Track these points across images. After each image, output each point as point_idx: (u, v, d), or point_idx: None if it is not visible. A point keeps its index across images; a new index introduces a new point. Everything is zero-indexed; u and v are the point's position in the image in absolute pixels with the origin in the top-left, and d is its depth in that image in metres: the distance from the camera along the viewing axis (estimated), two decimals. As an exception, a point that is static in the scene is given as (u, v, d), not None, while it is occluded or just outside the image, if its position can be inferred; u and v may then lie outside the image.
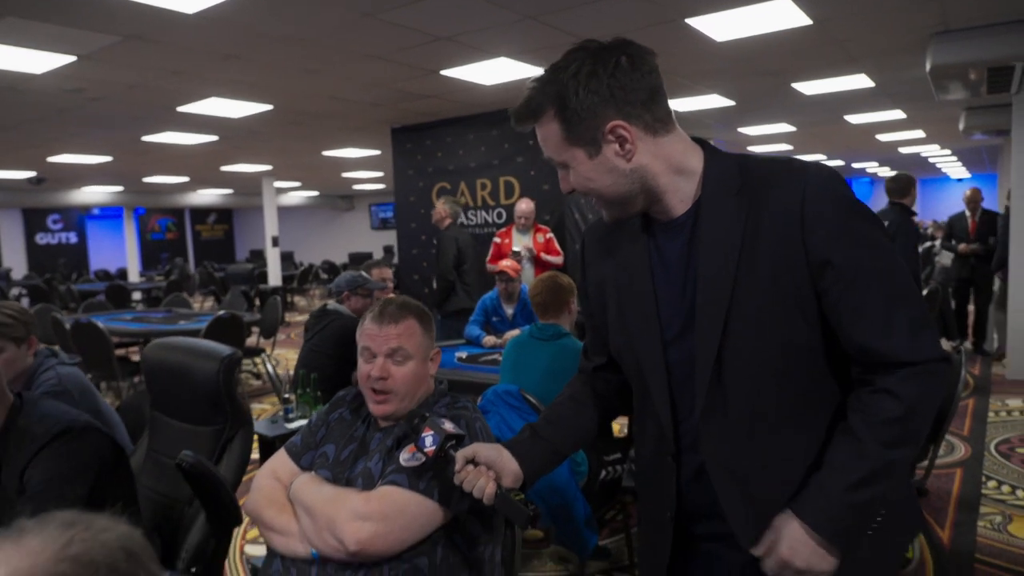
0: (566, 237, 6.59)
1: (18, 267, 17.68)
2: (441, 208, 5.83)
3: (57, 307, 9.53)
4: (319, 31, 4.26)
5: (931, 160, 16.26)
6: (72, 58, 4.50)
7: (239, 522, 1.87)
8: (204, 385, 2.01)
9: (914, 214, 5.12)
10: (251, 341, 7.12)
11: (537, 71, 1.14)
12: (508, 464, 1.27)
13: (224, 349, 2.06)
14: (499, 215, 7.04)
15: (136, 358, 6.89)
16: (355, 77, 5.47)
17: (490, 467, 1.25)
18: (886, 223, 4.91)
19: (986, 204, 7.03)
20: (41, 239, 18.99)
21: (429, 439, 1.31)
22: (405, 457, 1.47)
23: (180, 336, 2.45)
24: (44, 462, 1.60)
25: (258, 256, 19.49)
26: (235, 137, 8.14)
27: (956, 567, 2.98)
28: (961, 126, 8.47)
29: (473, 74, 5.44)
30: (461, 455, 1.26)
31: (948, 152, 14.50)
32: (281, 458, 1.67)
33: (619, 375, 1.38)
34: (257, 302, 11.13)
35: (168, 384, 2.16)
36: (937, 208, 23.15)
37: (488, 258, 5.65)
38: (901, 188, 5.05)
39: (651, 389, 1.19)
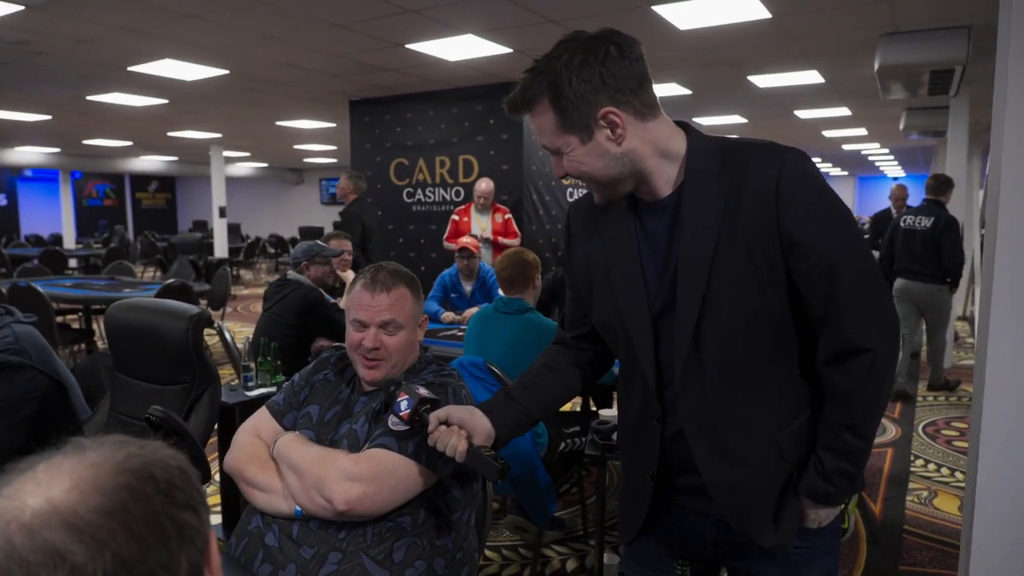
0: (523, 218, 6.64)
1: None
2: (345, 183, 5.77)
3: (-11, 272, 9.11)
4: (285, -5, 4.17)
5: (871, 158, 16.90)
6: (19, 7, 4.29)
7: (208, 478, 1.87)
8: (173, 344, 2.00)
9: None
10: (199, 312, 6.97)
11: (503, 49, 1.21)
12: (480, 423, 1.33)
13: (192, 308, 2.05)
14: (457, 193, 7.04)
15: (76, 325, 6.67)
16: (316, 46, 5.38)
17: (462, 427, 1.31)
18: (930, 220, 5.18)
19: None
20: (-32, 201, 18.04)
21: (404, 403, 1.37)
22: (393, 421, 1.50)
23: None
24: None
25: (202, 227, 18.93)
26: (186, 101, 7.88)
27: (887, 537, 3.18)
28: (901, 125, 8.83)
29: (439, 49, 5.40)
30: (434, 416, 1.33)
31: (887, 151, 15.09)
32: (263, 416, 1.69)
33: (595, 346, 1.46)
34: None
35: (133, 345, 2.13)
36: (873, 205, 24.11)
37: (446, 236, 5.64)
38: (940, 187, 5.38)
39: (639, 358, 1.25)
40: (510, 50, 5.26)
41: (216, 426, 3.14)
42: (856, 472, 1.20)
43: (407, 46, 5.33)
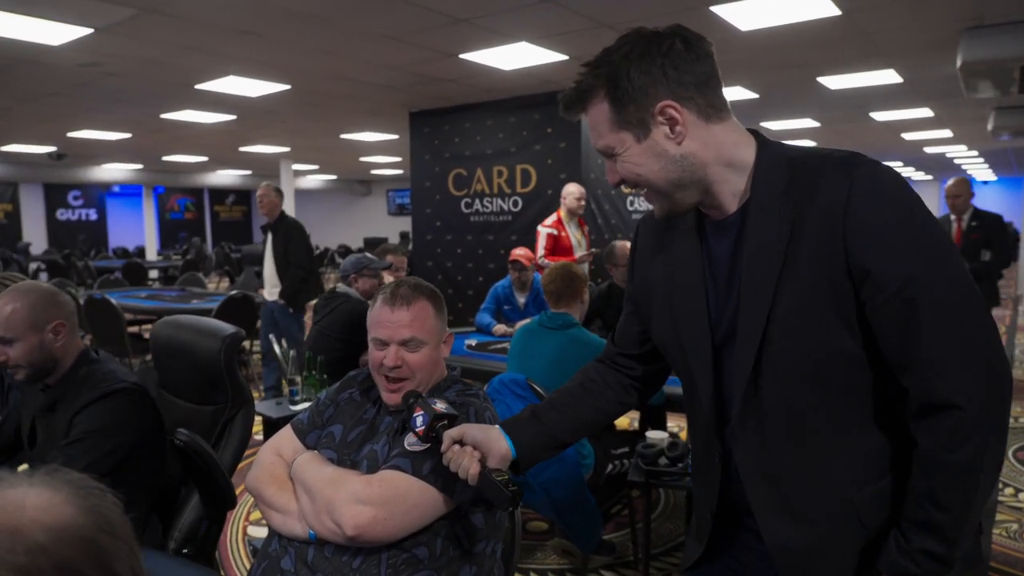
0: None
1: (39, 242, 17.85)
2: (273, 195, 5.32)
3: (74, 283, 9.62)
4: (336, 10, 4.20)
5: (956, 161, 15.96)
6: (89, 30, 4.48)
7: (233, 504, 1.84)
8: (206, 364, 1.98)
9: None
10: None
11: (558, 57, 1.14)
12: (495, 444, 1.25)
13: (227, 328, 2.03)
14: (515, 203, 6.97)
15: (148, 336, 6.91)
16: (372, 59, 5.42)
17: (477, 447, 1.24)
18: None
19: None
20: (62, 215, 19.13)
21: (420, 419, 1.30)
22: (410, 441, 1.43)
23: (192, 315, 2.44)
24: (93, 412, 1.67)
25: (274, 238, 19.51)
26: (253, 117, 8.11)
27: (971, 574, 2.90)
28: (990, 126, 8.26)
29: (492, 58, 5.36)
30: (448, 435, 1.26)
31: (975, 153, 14.22)
32: (286, 435, 1.64)
33: (644, 367, 1.37)
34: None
35: (173, 362, 2.14)
36: (961, 210, 22.71)
37: (544, 253, 5.05)
38: None
39: (699, 390, 1.16)
40: (566, 57, 5.16)
41: (261, 437, 3.14)
42: (947, 553, 1.00)
43: (461, 56, 5.30)
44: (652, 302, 1.25)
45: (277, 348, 3.97)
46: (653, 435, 2.61)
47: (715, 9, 4.22)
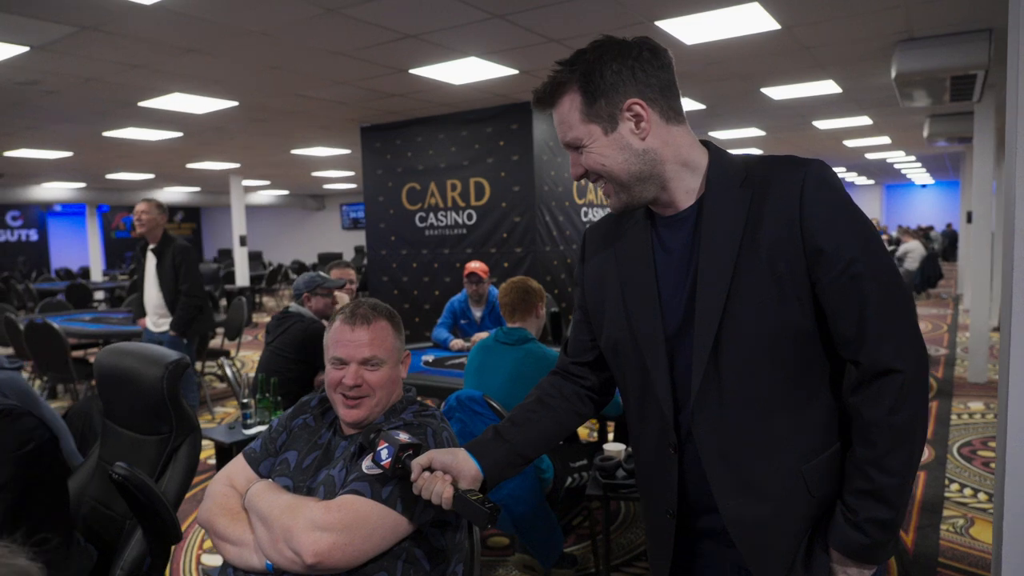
0: (536, 239, 6.55)
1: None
2: (154, 211, 4.72)
3: (13, 307, 9.25)
4: (280, 26, 4.16)
5: (896, 166, 16.56)
6: (25, 48, 4.34)
7: (178, 538, 1.78)
8: (149, 392, 1.92)
9: None
10: (216, 343, 6.97)
11: (508, 71, 1.20)
12: (464, 466, 1.27)
13: (171, 355, 1.97)
14: (469, 216, 6.98)
15: (93, 360, 6.69)
16: (320, 74, 5.37)
17: (447, 471, 1.25)
18: None
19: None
20: (0, 236, 18.45)
21: (385, 452, 1.29)
22: (367, 464, 1.42)
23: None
24: None
25: (226, 256, 19.16)
26: (200, 134, 7.96)
27: (919, 570, 2.99)
28: (925, 133, 8.60)
29: (442, 73, 5.36)
30: (416, 463, 1.26)
31: (913, 158, 14.76)
32: (238, 464, 1.61)
33: (596, 375, 1.41)
34: (224, 303, 10.91)
35: (117, 391, 2.06)
36: (902, 214, 23.62)
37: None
38: None
39: (653, 379, 1.19)
40: (515, 71, 5.20)
41: (215, 463, 3.02)
42: (894, 519, 1.08)
43: (411, 71, 5.30)
44: (605, 303, 1.28)
45: (229, 371, 3.89)
46: (611, 447, 2.63)
47: (660, 24, 4.31)
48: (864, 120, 8.65)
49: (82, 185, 14.62)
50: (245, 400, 3.16)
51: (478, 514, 1.19)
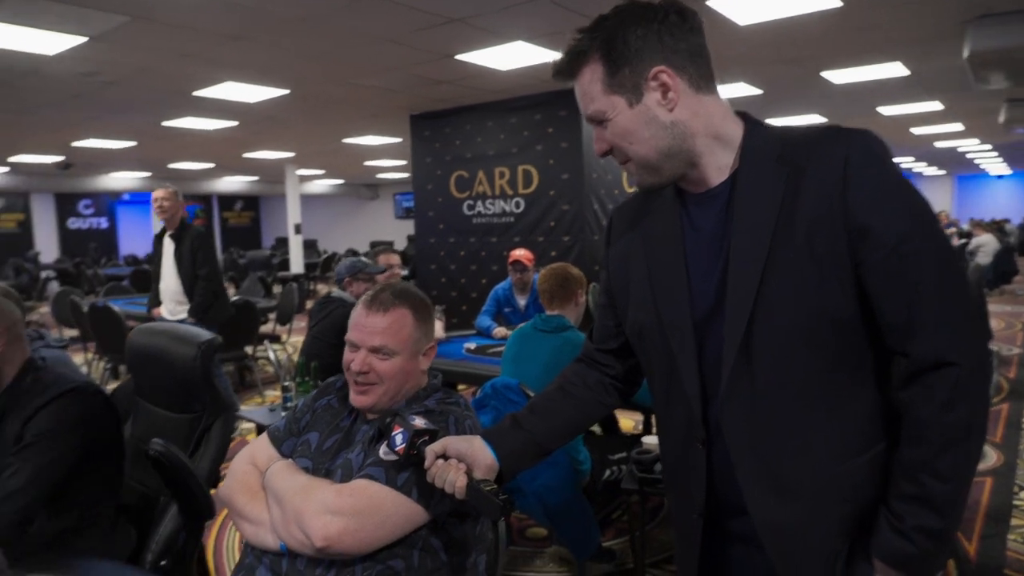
0: (584, 228, 6.45)
1: (50, 251, 17.98)
2: (173, 198, 4.75)
3: (81, 291, 9.66)
4: (327, 12, 4.16)
5: (969, 155, 15.75)
6: (83, 39, 4.46)
7: (211, 515, 1.78)
8: (182, 371, 1.93)
9: None
10: (268, 328, 7.11)
11: (555, 56, 1.09)
12: (480, 454, 1.22)
13: (203, 334, 1.98)
14: (517, 204, 6.91)
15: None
16: (367, 61, 5.37)
17: (462, 459, 1.20)
18: None
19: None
20: (72, 224, 19.26)
21: (399, 437, 1.25)
22: (384, 451, 1.38)
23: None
24: (45, 416, 1.63)
25: (283, 243, 19.61)
26: (255, 123, 8.11)
27: (982, 582, 2.81)
28: (1002, 118, 8.13)
29: (489, 59, 5.30)
30: (430, 450, 1.22)
31: (988, 147, 14.02)
32: (262, 443, 1.60)
33: (623, 363, 1.33)
34: (277, 289, 11.14)
35: (149, 370, 2.09)
36: (976, 207, 22.50)
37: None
38: None
39: (680, 368, 1.11)
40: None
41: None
42: (945, 528, 0.97)
43: (457, 57, 5.25)
44: (630, 286, 1.21)
45: (272, 354, 3.93)
46: (649, 440, 2.54)
47: (711, 3, 4.15)
48: (934, 105, 8.22)
49: (147, 174, 15.15)
50: (286, 383, 3.18)
51: (490, 506, 1.13)
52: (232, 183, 17.76)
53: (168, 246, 4.81)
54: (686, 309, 1.10)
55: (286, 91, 6.32)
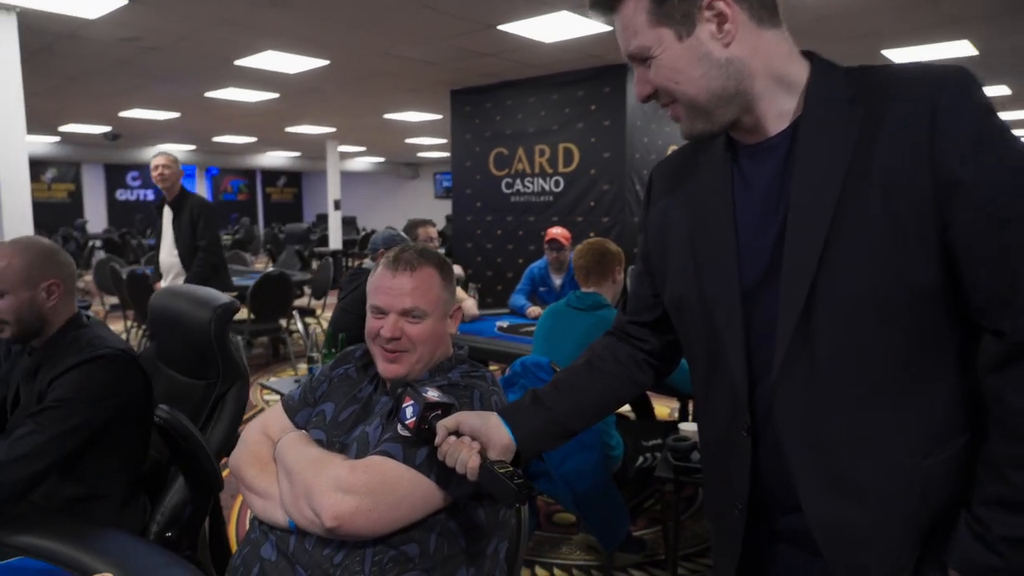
0: (624, 209, 6.27)
1: (99, 222, 18.40)
2: (172, 164, 4.51)
3: (124, 260, 9.83)
4: (368, -24, 4.05)
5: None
6: (123, 2, 4.43)
7: (219, 487, 1.71)
8: (197, 335, 1.85)
9: None
10: (303, 302, 7.12)
11: (600, 28, 0.96)
12: (495, 433, 1.11)
13: (221, 297, 1.89)
14: (556, 183, 6.76)
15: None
16: (409, 30, 5.26)
17: (475, 437, 1.09)
18: None
19: None
20: (120, 195, 19.68)
21: (410, 410, 1.15)
22: (402, 426, 1.28)
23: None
24: (69, 379, 1.55)
25: (323, 220, 19.74)
26: (296, 95, 8.08)
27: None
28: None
29: (532, 29, 5.14)
30: (442, 426, 1.11)
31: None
32: (275, 412, 1.51)
33: (659, 337, 1.19)
34: (315, 264, 11.20)
35: (168, 333, 2.02)
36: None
37: None
38: None
39: (724, 344, 0.98)
40: (608, 27, 4.90)
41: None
42: None
43: (499, 27, 5.10)
44: (669, 250, 1.08)
45: (300, 324, 3.88)
46: (687, 427, 2.40)
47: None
48: (1002, 90, 7.79)
49: (192, 147, 15.35)
50: (312, 354, 3.12)
51: (504, 490, 1.02)
52: (275, 158, 17.90)
53: (167, 216, 4.62)
54: (734, 277, 0.97)
55: (326, 62, 6.25)
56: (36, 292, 1.63)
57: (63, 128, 11.62)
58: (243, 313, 5.93)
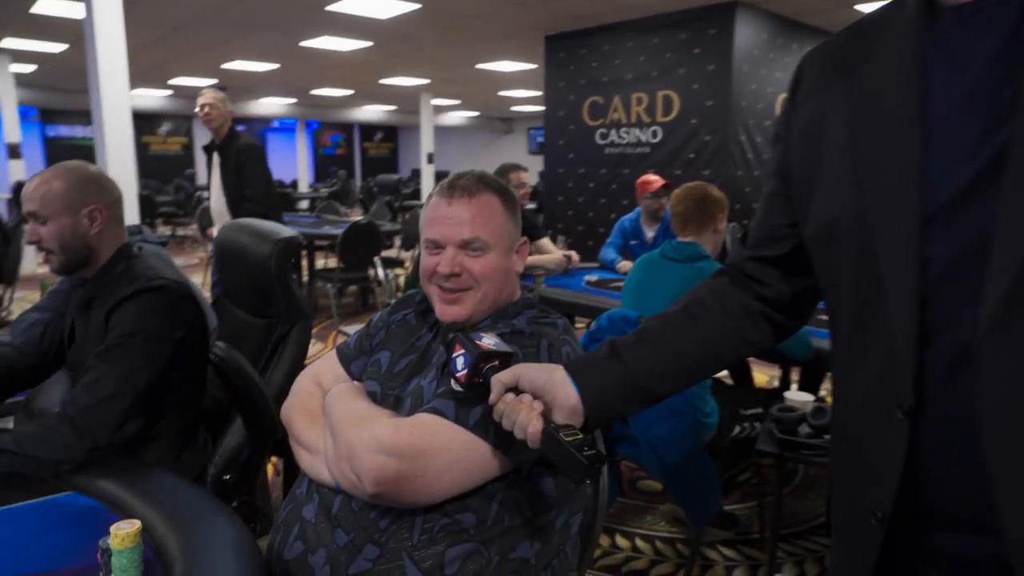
0: (728, 161, 5.83)
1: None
2: (218, 102, 4.10)
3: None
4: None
5: None
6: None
7: (275, 432, 1.60)
8: (258, 270, 1.74)
9: None
10: (391, 253, 7.12)
11: None
12: (562, 391, 0.91)
13: (283, 231, 1.76)
14: (654, 133, 6.37)
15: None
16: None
17: (539, 396, 0.91)
18: None
19: None
20: (228, 148, 20.52)
21: (460, 360, 0.97)
22: (453, 379, 1.09)
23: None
24: (128, 313, 1.47)
25: (418, 175, 19.90)
26: (388, 42, 7.98)
27: None
28: None
29: (634, -37, 4.76)
30: (497, 380, 0.93)
31: None
32: (329, 360, 1.36)
33: (787, 282, 0.91)
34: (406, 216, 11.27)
35: (231, 268, 1.92)
36: None
37: None
38: None
39: (887, 291, 0.70)
40: (719, -42, 4.48)
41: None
42: None
43: (598, -40, 4.75)
44: (821, 160, 0.79)
45: (381, 272, 3.79)
46: (794, 396, 2.12)
47: None
48: None
49: (292, 101, 15.67)
50: (390, 301, 3.01)
51: (571, 463, 0.83)
52: (372, 112, 18.08)
53: (216, 161, 4.27)
54: (912, 196, 0.69)
55: (417, 5, 6.08)
56: (77, 218, 1.54)
57: (173, 81, 12.06)
58: (334, 261, 5.96)
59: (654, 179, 4.08)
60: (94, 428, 1.35)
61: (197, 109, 4.14)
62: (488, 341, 0.97)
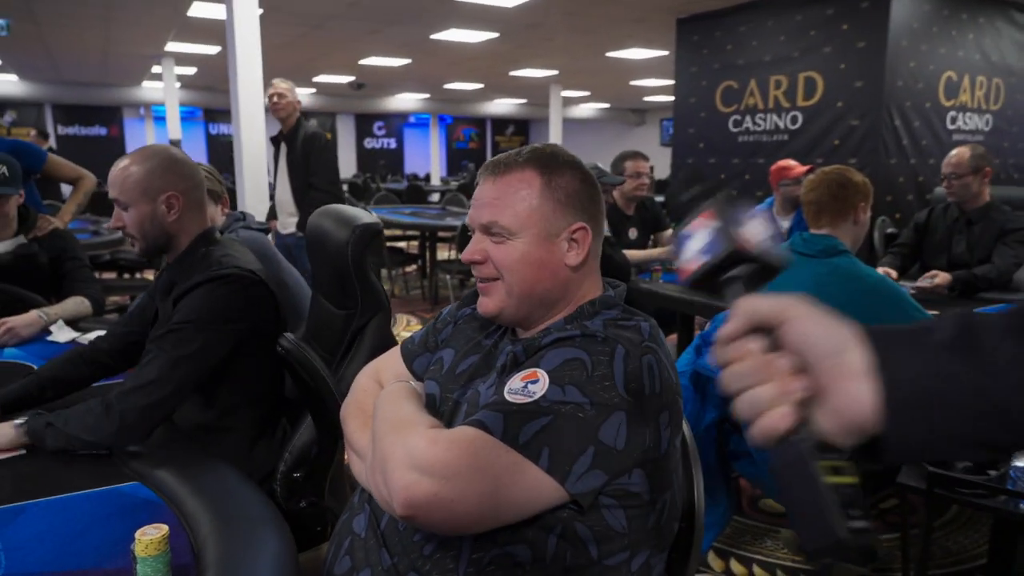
0: (879, 148, 5.24)
1: (349, 167, 20.20)
2: (288, 92, 3.99)
3: (364, 202, 10.59)
4: None
5: None
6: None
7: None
8: (336, 258, 1.65)
9: None
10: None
11: None
12: (847, 376, 0.51)
13: (363, 217, 1.67)
14: (793, 119, 5.86)
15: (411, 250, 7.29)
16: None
17: (807, 369, 0.52)
18: None
19: None
20: (368, 143, 21.38)
21: (699, 241, 0.62)
22: (513, 387, 0.92)
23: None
24: (193, 300, 1.44)
25: (547, 167, 19.86)
26: (516, 32, 7.92)
27: None
28: None
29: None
30: (752, 307, 0.55)
31: None
32: (392, 356, 1.25)
33: None
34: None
35: (317, 257, 1.86)
36: None
37: None
38: None
39: None
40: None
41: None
42: None
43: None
44: None
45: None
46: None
47: None
48: None
49: (426, 96, 16.09)
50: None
51: (813, 520, 0.48)
52: (503, 106, 18.23)
53: (283, 149, 4.21)
54: None
55: (543, -9, 5.94)
56: (156, 205, 1.51)
57: (317, 79, 12.68)
58: (453, 253, 5.98)
59: (794, 164, 3.70)
60: (124, 412, 1.31)
61: (268, 100, 4.13)
62: (755, 231, 0.61)
